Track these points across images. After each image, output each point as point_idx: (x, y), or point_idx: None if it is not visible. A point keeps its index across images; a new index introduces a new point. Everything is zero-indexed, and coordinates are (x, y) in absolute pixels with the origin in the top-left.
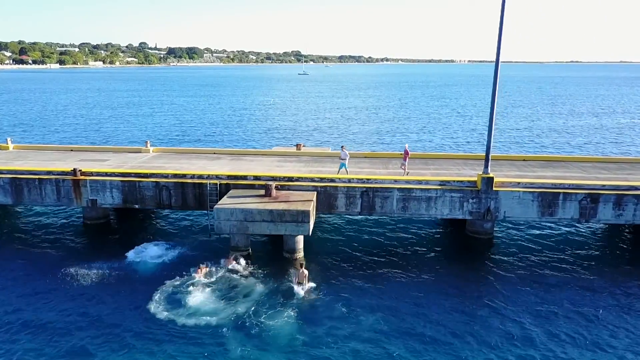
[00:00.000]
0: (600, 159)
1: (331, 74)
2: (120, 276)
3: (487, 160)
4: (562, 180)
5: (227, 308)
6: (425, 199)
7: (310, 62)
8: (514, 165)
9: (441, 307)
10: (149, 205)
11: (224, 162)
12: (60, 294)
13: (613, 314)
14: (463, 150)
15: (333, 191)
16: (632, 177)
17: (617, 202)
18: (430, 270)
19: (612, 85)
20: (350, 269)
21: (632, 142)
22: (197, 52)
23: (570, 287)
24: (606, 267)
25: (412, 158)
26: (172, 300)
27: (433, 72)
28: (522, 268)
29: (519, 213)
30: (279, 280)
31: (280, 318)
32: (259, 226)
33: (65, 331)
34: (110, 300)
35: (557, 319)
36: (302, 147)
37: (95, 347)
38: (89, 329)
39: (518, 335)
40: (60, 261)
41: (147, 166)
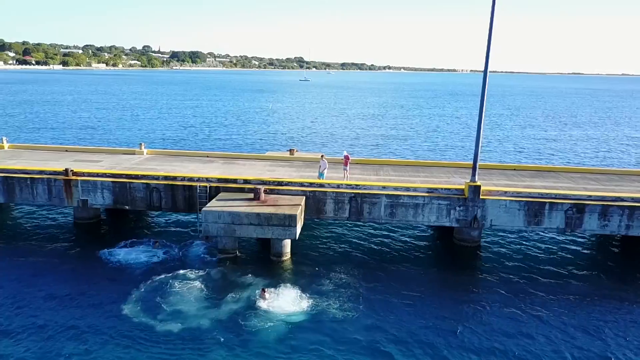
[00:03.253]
0: (589, 170)
1: (333, 81)
2: (107, 277)
3: (475, 168)
4: (548, 190)
5: (212, 311)
6: (412, 205)
7: (312, 68)
8: (504, 174)
9: (428, 315)
10: (139, 207)
11: (216, 166)
12: (46, 292)
13: (598, 322)
14: (457, 158)
15: (322, 196)
16: (619, 188)
17: (603, 213)
18: (418, 277)
19: (615, 97)
20: (337, 274)
21: (623, 154)
22: (200, 56)
23: (555, 296)
24: (591, 276)
25: (403, 165)
26: (156, 302)
27: (436, 81)
28: (508, 276)
29: (506, 221)
30: (262, 283)
31: (263, 322)
32: (246, 229)
33: (46, 332)
34: (94, 301)
35: (542, 326)
36: (295, 153)
37: (76, 348)
38: (72, 329)
39: (503, 343)
40: (48, 260)
41: (139, 168)
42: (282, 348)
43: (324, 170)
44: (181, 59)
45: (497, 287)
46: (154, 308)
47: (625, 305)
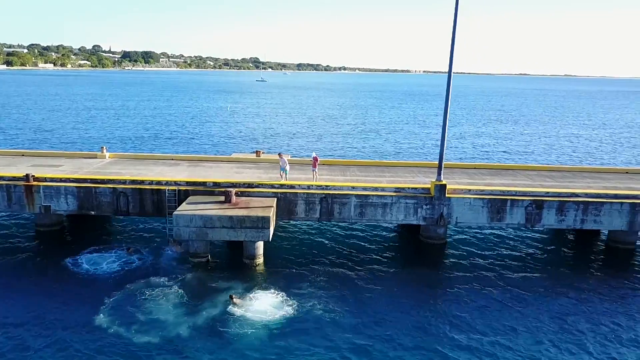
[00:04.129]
0: (545, 168)
1: (290, 81)
2: (74, 285)
3: (440, 168)
4: (509, 187)
5: (190, 318)
6: (381, 205)
7: (268, 69)
8: (465, 173)
9: (401, 312)
10: (105, 212)
11: (182, 169)
12: (7, 306)
13: (557, 312)
14: (418, 158)
15: (293, 197)
16: (572, 184)
17: (560, 209)
18: (388, 275)
19: (560, 97)
20: (311, 274)
21: (572, 151)
22: (153, 56)
23: (518, 288)
24: (550, 268)
25: (368, 165)
26: (131, 312)
27: (391, 82)
28: (474, 271)
29: (470, 218)
30: (237, 287)
31: (242, 327)
32: (219, 232)
33: (9, 351)
34: (63, 314)
35: (507, 317)
36: (261, 154)
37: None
38: (40, 345)
39: (469, 336)
40: (8, 270)
41: (103, 172)
42: (264, 351)
43: (285, 165)
44: (133, 59)
45: (463, 281)
46: (129, 318)
47: (582, 294)
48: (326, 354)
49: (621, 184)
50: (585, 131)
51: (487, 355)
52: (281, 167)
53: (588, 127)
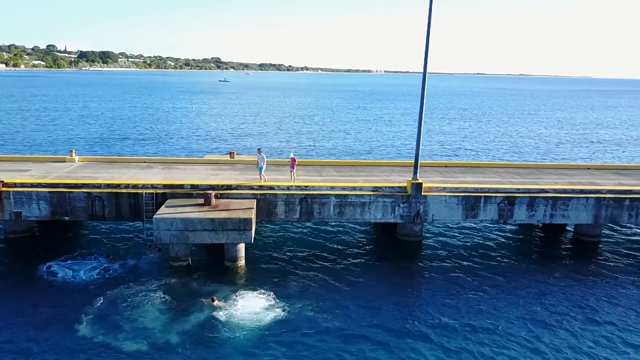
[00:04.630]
0: (512, 165)
1: (253, 82)
2: (52, 295)
3: (416, 167)
4: (482, 185)
5: (177, 324)
6: (360, 204)
7: (230, 69)
8: (437, 171)
9: (381, 308)
10: (80, 217)
11: (156, 171)
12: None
13: (528, 302)
14: (389, 157)
15: (272, 198)
16: (540, 180)
17: (530, 204)
18: (367, 273)
19: (518, 96)
20: (292, 275)
21: (534, 148)
22: (112, 56)
23: (492, 281)
24: (520, 262)
25: (343, 165)
26: (115, 320)
27: (354, 82)
28: (450, 266)
29: (446, 215)
30: (221, 289)
31: (231, 330)
32: (200, 235)
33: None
34: (40, 323)
35: (481, 309)
36: (235, 155)
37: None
38: (17, 356)
39: (444, 330)
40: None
41: (74, 176)
42: (255, 353)
43: (262, 164)
44: (90, 59)
45: (440, 277)
46: (115, 326)
47: (551, 285)
48: (317, 351)
49: (584, 179)
50: (545, 129)
51: (462, 342)
52: (259, 166)
53: (547, 125)
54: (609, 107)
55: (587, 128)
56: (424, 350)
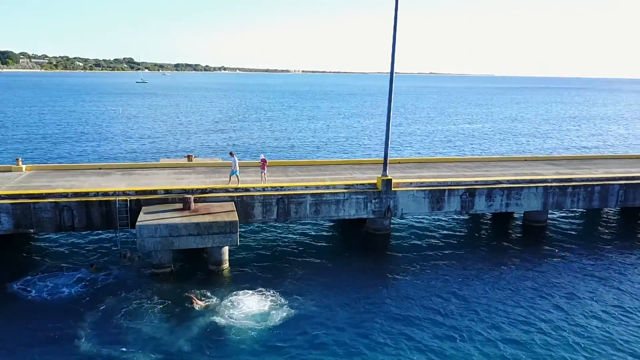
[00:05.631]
0: (461, 159)
1: (172, 82)
2: (36, 313)
3: (385, 164)
4: (445, 179)
5: (180, 331)
6: (334, 202)
7: (145, 69)
8: (394, 168)
9: (354, 299)
10: (47, 229)
11: (117, 178)
12: None
13: (489, 283)
14: (341, 156)
15: (250, 200)
16: (489, 173)
17: (489, 195)
18: (343, 267)
19: (455, 95)
20: (275, 272)
21: (473, 144)
22: (12, 56)
23: (454, 268)
24: (479, 248)
25: (306, 165)
26: (114, 333)
27: (275, 82)
28: (417, 256)
29: (414, 209)
30: (213, 292)
31: (235, 331)
32: (185, 240)
33: None
34: (31, 345)
35: (443, 299)
36: (193, 159)
37: None
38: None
39: (414, 318)
40: None
41: (31, 186)
42: (260, 351)
43: (236, 168)
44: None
45: (410, 266)
46: (117, 339)
47: (507, 266)
48: (318, 344)
49: (527, 170)
50: (485, 124)
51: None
52: (232, 170)
53: (484, 121)
54: (519, 103)
55: (503, 122)
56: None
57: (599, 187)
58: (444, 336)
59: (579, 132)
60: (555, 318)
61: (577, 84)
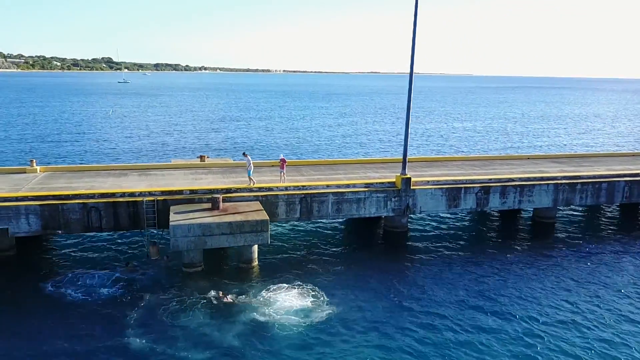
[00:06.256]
0: (468, 158)
1: (154, 82)
2: (69, 319)
3: (405, 163)
4: (461, 177)
5: (231, 327)
6: (355, 200)
7: (124, 69)
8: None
9: (387, 294)
10: (75, 230)
11: (135, 178)
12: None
13: (508, 284)
14: (338, 156)
15: (274, 199)
16: (496, 171)
17: (502, 192)
18: (368, 263)
19: (434, 94)
20: (303, 268)
21: (477, 142)
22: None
23: (470, 261)
24: (496, 244)
25: (318, 165)
26: (155, 330)
27: (260, 82)
28: (437, 253)
29: (432, 207)
30: (251, 289)
31: (290, 325)
32: (217, 239)
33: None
34: (81, 346)
35: (462, 291)
36: (206, 159)
37: None
38: None
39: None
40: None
41: (52, 187)
42: (311, 343)
43: (250, 168)
44: None
45: (432, 262)
46: (170, 337)
47: (518, 260)
48: (363, 338)
49: (533, 168)
50: (474, 123)
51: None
52: (248, 170)
53: (474, 120)
54: (503, 102)
55: (492, 121)
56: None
57: (606, 184)
58: (488, 328)
59: (566, 130)
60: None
61: (554, 84)
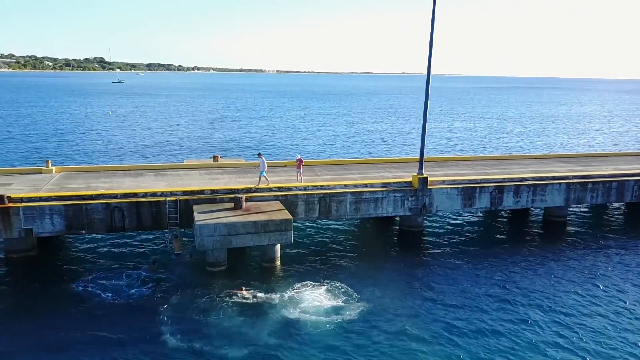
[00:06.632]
0: (478, 157)
1: (148, 82)
2: (102, 318)
3: (421, 163)
4: (475, 176)
5: (263, 325)
6: (373, 200)
7: (117, 69)
8: (415, 166)
9: (409, 289)
10: (98, 230)
11: (152, 178)
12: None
13: (520, 275)
14: (344, 155)
15: (293, 199)
16: (506, 171)
17: (516, 191)
18: (389, 262)
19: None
20: (323, 268)
21: (475, 142)
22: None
23: (489, 259)
24: (511, 242)
25: (331, 165)
26: (190, 328)
27: (255, 82)
28: (455, 252)
29: (448, 206)
30: (277, 287)
31: (323, 321)
32: (243, 239)
33: None
34: (117, 344)
35: (477, 288)
36: (219, 159)
37: None
38: None
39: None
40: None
41: (71, 187)
42: (344, 342)
43: (264, 168)
44: None
45: (452, 262)
46: (201, 335)
47: (531, 258)
48: (395, 336)
49: (542, 167)
50: (473, 123)
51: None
52: (261, 170)
53: (474, 120)
54: (500, 102)
55: (490, 121)
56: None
57: (616, 183)
58: (518, 321)
59: (565, 130)
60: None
61: (548, 84)
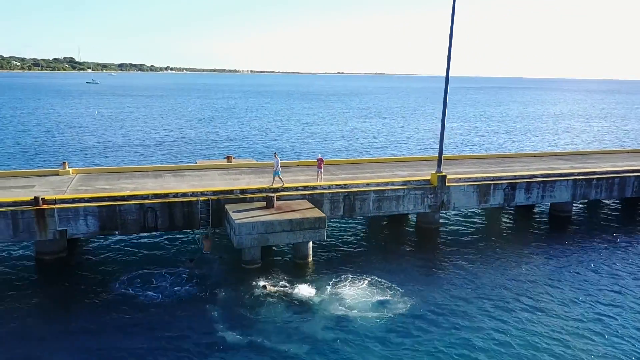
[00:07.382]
0: (483, 156)
1: (124, 83)
2: (150, 317)
3: (440, 161)
4: (489, 174)
5: (311, 322)
6: (395, 197)
7: (87, 69)
8: (423, 165)
9: (443, 285)
10: (131, 230)
11: (172, 179)
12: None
13: (536, 267)
14: (343, 155)
15: (319, 197)
16: (513, 168)
17: (527, 188)
18: (415, 258)
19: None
20: (355, 264)
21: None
22: None
23: (500, 254)
24: (522, 237)
25: (344, 164)
26: (242, 324)
27: (231, 82)
28: (471, 246)
29: (464, 203)
30: (316, 284)
31: (370, 318)
32: (279, 237)
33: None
34: (180, 339)
35: (489, 282)
36: (232, 159)
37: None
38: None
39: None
40: (58, 313)
41: (96, 189)
42: (396, 336)
43: (278, 168)
44: None
45: (470, 255)
46: (254, 331)
47: (539, 251)
48: (445, 332)
49: (545, 165)
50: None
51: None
52: (275, 170)
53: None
54: (479, 102)
55: (474, 121)
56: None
57: (618, 179)
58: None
59: (547, 129)
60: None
61: (520, 84)
